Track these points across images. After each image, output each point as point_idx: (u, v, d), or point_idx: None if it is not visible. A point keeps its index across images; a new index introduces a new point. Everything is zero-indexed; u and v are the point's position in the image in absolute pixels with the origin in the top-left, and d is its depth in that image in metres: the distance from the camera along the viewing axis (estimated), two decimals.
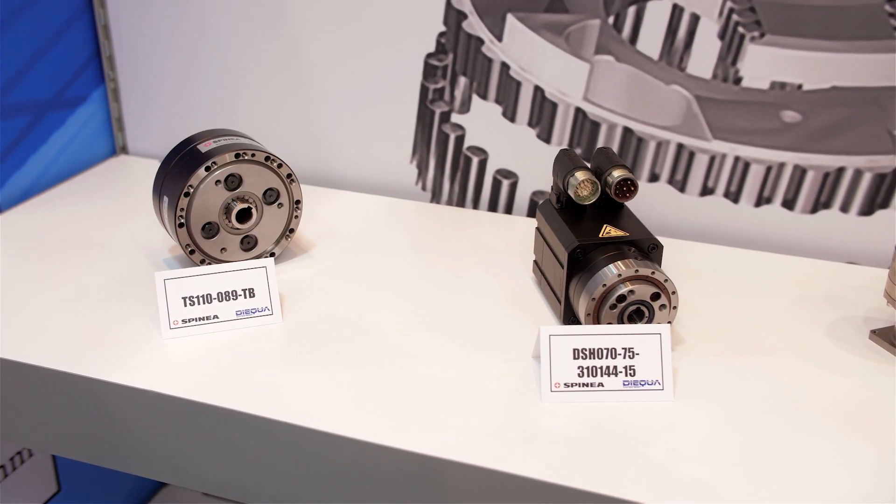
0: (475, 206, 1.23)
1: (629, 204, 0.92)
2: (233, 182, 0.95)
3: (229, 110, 1.29)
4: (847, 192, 1.06)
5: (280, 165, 0.97)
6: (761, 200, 1.10)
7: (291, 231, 1.01)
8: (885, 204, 1.05)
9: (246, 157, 0.95)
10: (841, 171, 1.05)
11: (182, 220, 0.94)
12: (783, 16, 1.01)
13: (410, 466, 0.72)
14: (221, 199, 0.95)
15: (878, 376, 0.83)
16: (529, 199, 1.19)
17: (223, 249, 0.98)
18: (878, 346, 0.87)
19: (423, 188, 1.24)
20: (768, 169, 1.08)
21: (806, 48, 1.01)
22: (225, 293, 0.88)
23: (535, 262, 0.98)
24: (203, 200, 0.94)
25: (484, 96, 1.16)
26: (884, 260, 1.05)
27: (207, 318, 0.88)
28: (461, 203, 1.23)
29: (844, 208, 1.07)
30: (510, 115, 1.16)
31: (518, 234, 1.10)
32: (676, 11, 1.04)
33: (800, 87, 1.03)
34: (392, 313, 0.92)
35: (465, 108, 1.18)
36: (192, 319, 0.87)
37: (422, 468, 0.72)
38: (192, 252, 0.96)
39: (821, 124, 1.04)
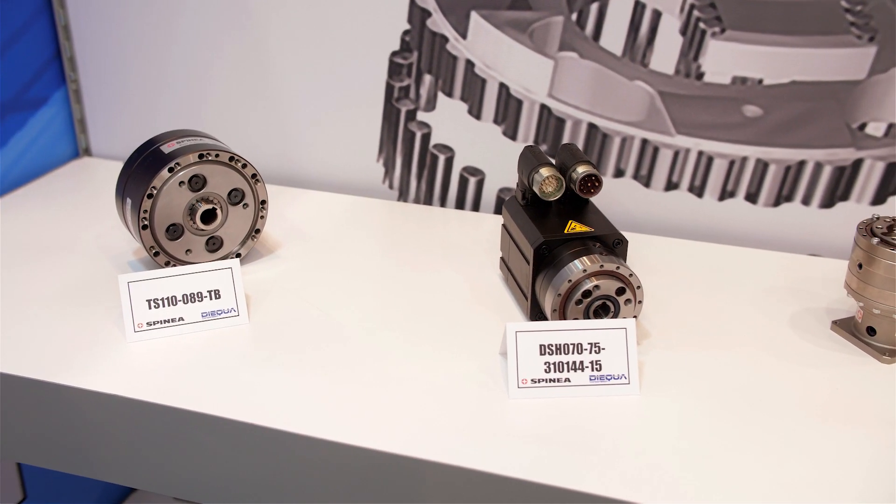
0: (442, 203, 1.23)
1: (595, 199, 0.92)
2: (197, 183, 0.94)
3: (194, 111, 1.28)
4: (808, 185, 1.07)
5: (245, 165, 0.97)
6: (725, 194, 1.11)
7: (257, 231, 1.01)
8: (844, 196, 1.06)
9: (210, 158, 0.94)
10: (802, 164, 1.06)
11: (146, 222, 0.93)
12: (743, 11, 1.02)
13: (379, 465, 0.72)
14: (185, 200, 0.94)
15: (840, 366, 0.84)
16: (496, 196, 1.20)
17: (188, 251, 0.97)
18: (839, 337, 0.89)
19: (390, 187, 1.24)
20: (731, 163, 1.09)
21: (766, 43, 1.02)
22: (190, 295, 0.88)
23: (502, 258, 0.98)
24: (167, 202, 0.93)
25: (449, 94, 1.16)
26: (845, 251, 1.06)
27: (173, 320, 0.87)
28: (428, 201, 1.23)
29: (806, 201, 1.08)
30: (476, 112, 1.16)
31: (485, 232, 1.11)
32: (638, 8, 1.05)
33: (760, 81, 1.04)
34: (359, 312, 0.92)
35: (431, 106, 1.18)
36: (157, 322, 0.86)
37: (390, 467, 0.72)
38: (156, 254, 0.95)
39: (781, 118, 1.05)
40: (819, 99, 1.03)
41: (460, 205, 1.22)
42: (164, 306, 0.87)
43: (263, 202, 1.00)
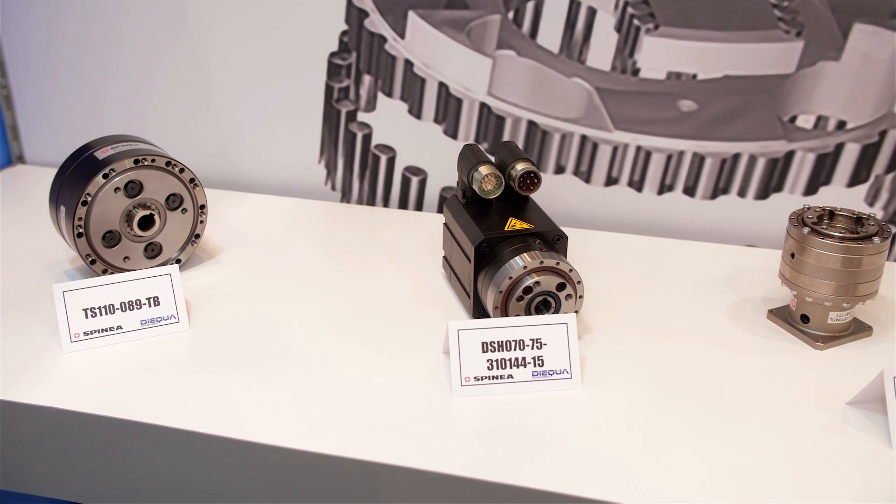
0: (385, 204, 1.23)
1: (536, 196, 0.93)
2: (133, 189, 0.93)
3: (130, 116, 1.26)
4: (743, 177, 1.09)
5: (182, 170, 0.95)
6: (663, 188, 1.12)
7: (197, 236, 1.00)
8: (778, 188, 1.09)
9: (146, 163, 0.93)
10: (737, 157, 1.08)
11: (81, 230, 0.91)
12: (676, 7, 1.03)
13: (323, 469, 0.72)
14: (122, 206, 0.93)
15: (777, 354, 0.86)
16: (439, 195, 1.20)
17: (126, 258, 0.95)
18: (775, 325, 0.90)
19: (333, 188, 1.24)
20: (669, 157, 1.10)
21: (698, 39, 1.04)
22: (128, 303, 0.86)
23: (445, 257, 0.98)
24: (102, 209, 0.92)
25: (389, 94, 1.16)
26: (781, 242, 1.08)
27: (111, 329, 0.85)
28: (371, 202, 1.23)
29: (742, 193, 1.10)
30: (416, 112, 1.16)
31: (428, 231, 1.11)
32: (574, 5, 1.06)
33: (694, 76, 1.06)
34: (302, 316, 0.91)
35: (371, 106, 1.18)
36: (95, 331, 0.85)
37: (334, 470, 0.72)
38: (92, 262, 0.93)
39: (716, 112, 1.07)
40: (751, 93, 1.05)
41: (403, 205, 1.22)
42: (101, 315, 0.85)
43: (203, 207, 0.99)
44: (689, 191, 1.12)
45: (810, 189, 1.08)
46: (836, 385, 0.80)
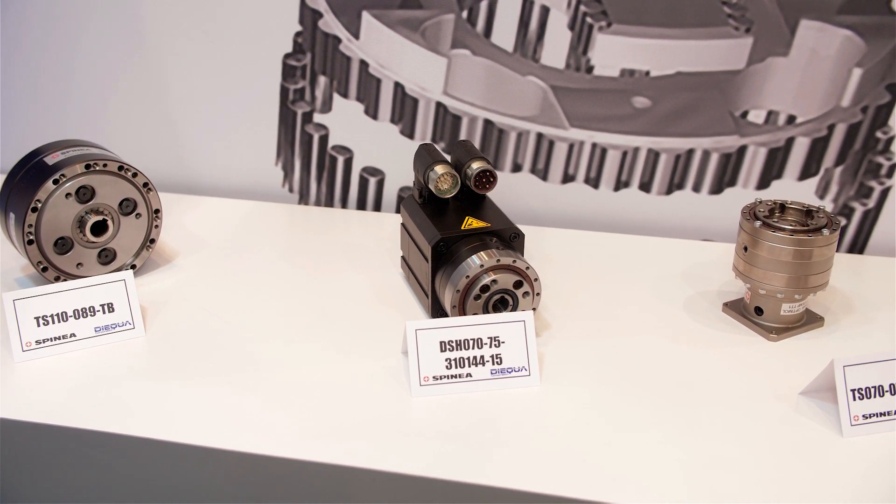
0: (343, 205, 1.22)
1: (494, 195, 0.93)
2: (85, 194, 0.92)
3: (83, 121, 1.24)
4: (698, 172, 1.10)
5: (135, 175, 0.94)
6: (619, 185, 1.13)
7: (152, 241, 0.98)
8: (732, 182, 1.10)
9: (98, 168, 0.92)
10: (691, 152, 1.10)
11: (31, 237, 0.90)
12: (628, 5, 1.04)
13: (284, 473, 0.72)
14: (74, 212, 0.92)
15: (732, 346, 0.87)
16: (397, 195, 1.20)
17: (79, 265, 0.94)
18: (730, 318, 0.92)
19: (291, 190, 1.23)
20: (624, 154, 1.11)
21: (651, 36, 1.05)
22: (82, 310, 0.85)
23: (403, 257, 0.98)
24: (53, 215, 0.90)
25: (345, 95, 1.16)
26: (735, 235, 1.10)
27: (64, 337, 0.84)
28: (329, 203, 1.22)
29: (696, 188, 1.11)
30: (372, 112, 1.16)
31: (387, 231, 1.11)
32: (527, 4, 1.07)
33: (647, 73, 1.07)
34: (260, 319, 0.91)
35: (327, 107, 1.17)
36: (47, 340, 0.83)
37: (295, 473, 0.71)
38: (44, 269, 0.92)
39: (669, 108, 1.08)
40: (703, 89, 1.06)
41: (361, 205, 1.22)
42: (54, 323, 0.84)
43: (157, 211, 0.98)
44: (645, 187, 1.13)
45: (763, 183, 1.09)
46: (789, 375, 0.81)
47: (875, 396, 0.73)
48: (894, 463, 0.70)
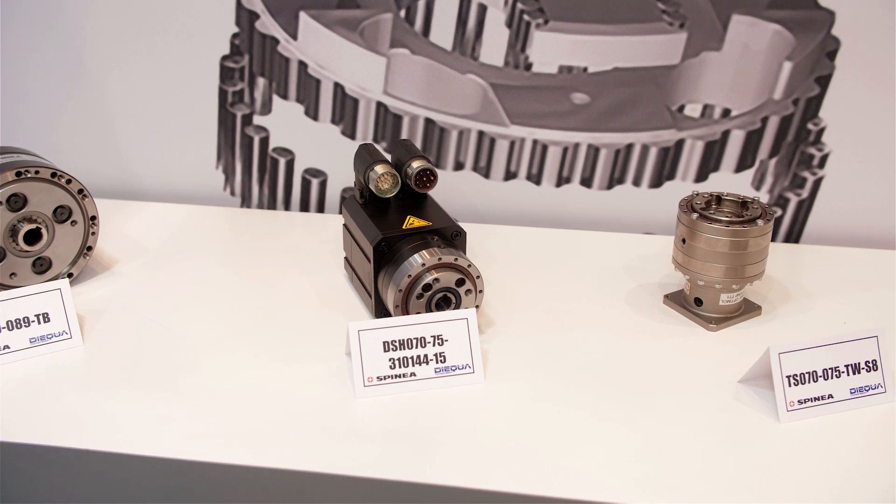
0: (286, 207, 1.21)
1: (437, 193, 0.93)
2: (16, 202, 0.90)
3: (15, 127, 1.21)
4: (637, 167, 1.12)
5: (69, 181, 0.92)
6: (561, 181, 1.14)
7: (89, 249, 0.97)
8: (671, 175, 1.12)
9: (29, 175, 0.90)
10: (630, 147, 1.11)
11: None
12: (564, 2, 1.05)
13: (229, 479, 0.71)
14: (5, 221, 0.89)
15: (673, 337, 0.88)
16: (340, 195, 1.19)
17: (13, 275, 0.92)
18: (670, 310, 0.93)
19: (232, 193, 1.22)
20: (565, 150, 1.12)
21: (587, 32, 1.06)
22: (16, 321, 0.83)
23: (346, 258, 0.98)
24: None
25: (284, 96, 1.15)
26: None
27: None
28: (272, 205, 1.21)
29: (636, 182, 1.13)
30: (313, 113, 1.15)
31: (331, 233, 1.10)
32: (465, 2, 1.07)
33: (585, 69, 1.08)
34: (202, 325, 0.89)
35: (267, 109, 1.16)
36: None
37: (241, 479, 0.71)
38: None
39: (607, 104, 1.09)
40: (640, 84, 1.07)
41: (305, 207, 1.21)
42: None
43: (94, 218, 0.96)
44: (586, 182, 1.14)
45: (701, 176, 1.11)
46: (728, 364, 0.82)
47: (809, 382, 0.75)
48: (829, 446, 0.72)
